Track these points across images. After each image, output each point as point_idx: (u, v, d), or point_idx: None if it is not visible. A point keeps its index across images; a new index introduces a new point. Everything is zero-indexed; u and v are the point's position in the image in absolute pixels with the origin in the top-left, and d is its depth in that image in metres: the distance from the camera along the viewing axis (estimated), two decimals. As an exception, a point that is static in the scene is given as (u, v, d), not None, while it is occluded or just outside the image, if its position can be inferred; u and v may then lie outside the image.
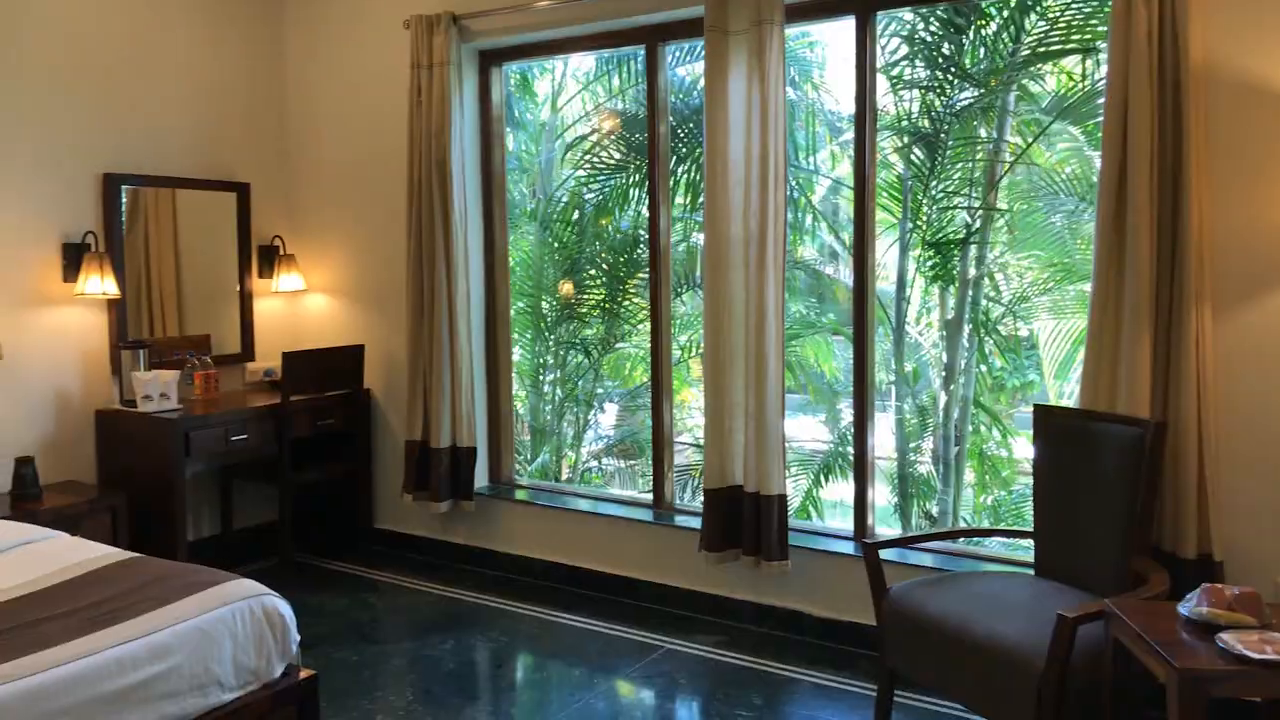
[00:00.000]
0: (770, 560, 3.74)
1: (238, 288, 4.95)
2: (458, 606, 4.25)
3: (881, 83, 4.03)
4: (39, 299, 4.16)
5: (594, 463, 5.90)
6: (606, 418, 5.99)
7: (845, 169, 5.12)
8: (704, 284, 3.90)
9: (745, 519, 3.80)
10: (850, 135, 4.61)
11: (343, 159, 5.02)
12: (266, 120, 5.09)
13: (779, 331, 3.74)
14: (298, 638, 2.79)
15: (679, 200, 4.96)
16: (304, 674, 2.79)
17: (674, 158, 4.68)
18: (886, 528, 4.34)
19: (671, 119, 4.46)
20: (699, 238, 5.30)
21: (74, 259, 4.22)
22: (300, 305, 5.23)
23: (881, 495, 4.22)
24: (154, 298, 4.64)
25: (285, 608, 2.75)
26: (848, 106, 4.96)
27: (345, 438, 4.88)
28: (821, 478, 5.00)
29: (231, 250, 4.92)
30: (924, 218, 4.56)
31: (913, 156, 4.53)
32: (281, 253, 5.06)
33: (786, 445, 3.82)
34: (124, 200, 4.44)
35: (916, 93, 4.47)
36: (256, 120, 5.04)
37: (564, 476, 5.68)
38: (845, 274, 5.19)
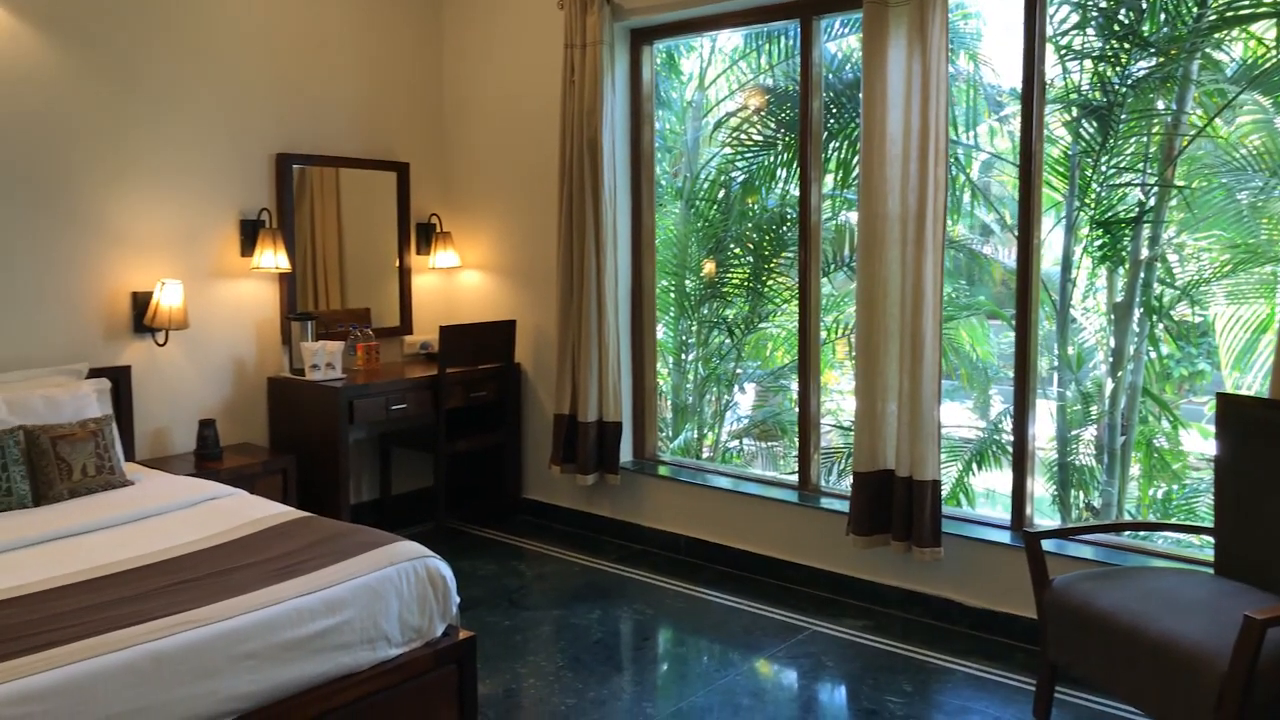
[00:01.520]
0: (922, 547, 3.65)
1: (397, 263, 5.15)
2: (603, 578, 4.33)
3: (1049, 54, 3.84)
4: (220, 271, 4.44)
5: (734, 443, 5.88)
6: (746, 398, 5.97)
7: (1004, 144, 4.92)
8: (857, 263, 3.83)
9: (896, 504, 3.72)
10: (1011, 109, 4.42)
11: (497, 139, 5.14)
12: (425, 102, 5.27)
13: (936, 312, 3.64)
14: (458, 600, 2.90)
15: (827, 178, 4.86)
16: (463, 635, 2.89)
17: (824, 134, 4.59)
18: (1044, 518, 4.17)
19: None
20: (847, 216, 5.20)
21: (250, 234, 4.48)
22: (455, 281, 5.40)
23: (1039, 485, 4.05)
24: (319, 272, 4.88)
25: (446, 570, 2.86)
26: (1008, 80, 4.76)
27: (496, 410, 5.03)
28: (973, 465, 4.84)
29: (391, 227, 5.12)
30: (1092, 195, 4.33)
31: (1082, 131, 4.30)
32: (438, 230, 5.24)
33: (940, 430, 3.72)
34: (293, 179, 4.68)
35: (1088, 63, 4.24)
36: (416, 102, 5.22)
37: (704, 455, 5.69)
38: (1002, 253, 4.99)
